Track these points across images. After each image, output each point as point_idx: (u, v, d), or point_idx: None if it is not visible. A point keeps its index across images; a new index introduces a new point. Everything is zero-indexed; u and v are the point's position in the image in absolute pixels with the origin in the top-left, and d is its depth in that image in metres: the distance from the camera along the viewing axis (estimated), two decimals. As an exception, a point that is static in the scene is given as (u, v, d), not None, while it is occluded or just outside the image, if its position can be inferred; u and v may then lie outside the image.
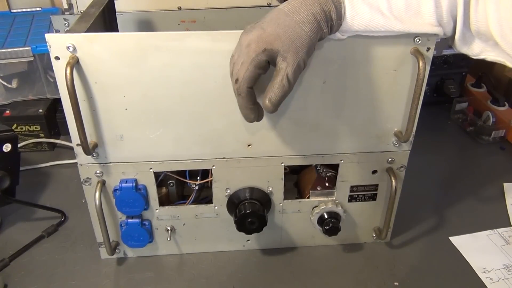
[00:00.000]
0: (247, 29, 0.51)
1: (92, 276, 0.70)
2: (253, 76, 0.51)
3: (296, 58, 0.50)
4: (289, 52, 0.49)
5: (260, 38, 0.50)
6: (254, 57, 0.50)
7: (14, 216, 0.80)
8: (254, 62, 0.50)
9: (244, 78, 0.50)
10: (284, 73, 0.50)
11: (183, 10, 0.92)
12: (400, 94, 0.62)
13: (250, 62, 0.50)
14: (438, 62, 1.10)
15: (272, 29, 0.49)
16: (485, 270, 0.71)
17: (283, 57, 0.50)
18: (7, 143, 0.73)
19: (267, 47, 0.49)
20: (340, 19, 0.52)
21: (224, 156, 0.65)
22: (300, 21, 0.49)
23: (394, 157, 0.68)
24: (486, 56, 0.57)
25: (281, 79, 0.50)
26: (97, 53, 0.55)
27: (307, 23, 0.50)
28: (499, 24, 0.52)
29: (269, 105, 0.51)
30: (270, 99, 0.50)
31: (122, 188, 0.65)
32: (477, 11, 0.54)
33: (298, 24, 0.49)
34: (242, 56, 0.50)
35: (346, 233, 0.74)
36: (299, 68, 0.51)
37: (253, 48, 0.50)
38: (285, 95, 0.51)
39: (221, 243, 0.73)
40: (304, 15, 0.50)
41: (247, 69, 0.50)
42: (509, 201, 0.86)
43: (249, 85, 0.51)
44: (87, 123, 0.59)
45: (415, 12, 0.53)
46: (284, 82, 0.50)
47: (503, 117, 1.02)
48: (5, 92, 0.99)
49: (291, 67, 0.50)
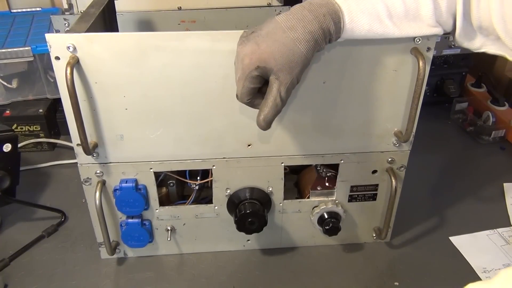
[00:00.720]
0: (243, 39, 0.51)
1: (92, 276, 0.70)
2: (248, 92, 0.52)
3: (289, 77, 0.50)
4: (283, 72, 0.49)
5: (254, 54, 0.49)
6: (248, 73, 0.50)
7: (14, 216, 0.80)
8: (249, 79, 0.50)
9: (241, 93, 0.52)
10: (277, 93, 0.50)
11: (183, 10, 0.92)
12: (400, 94, 0.62)
13: (245, 79, 0.50)
14: (438, 62, 1.10)
15: (267, 46, 0.49)
16: (485, 270, 0.71)
17: (277, 76, 0.50)
18: (7, 143, 0.73)
19: (260, 64, 0.49)
20: (339, 33, 0.51)
21: (224, 156, 0.65)
22: (297, 39, 0.49)
23: (394, 157, 0.68)
24: (486, 50, 0.57)
25: (274, 99, 0.50)
26: (97, 53, 0.55)
27: (304, 41, 0.49)
28: (503, 20, 0.52)
29: (262, 124, 0.52)
30: (264, 119, 0.51)
31: (122, 188, 0.65)
32: (479, 7, 0.54)
33: (294, 42, 0.49)
34: (238, 70, 0.51)
35: (346, 233, 0.74)
36: (292, 85, 0.51)
37: (247, 63, 0.50)
38: (277, 113, 0.52)
39: (221, 243, 0.73)
40: (301, 32, 0.49)
41: (243, 86, 0.51)
42: (509, 201, 0.86)
43: (248, 99, 0.52)
44: (87, 123, 0.59)
45: (415, 15, 0.53)
46: (277, 102, 0.51)
47: (503, 117, 1.02)
48: (5, 92, 0.99)
49: (284, 87, 0.50)
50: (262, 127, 0.52)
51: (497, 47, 0.56)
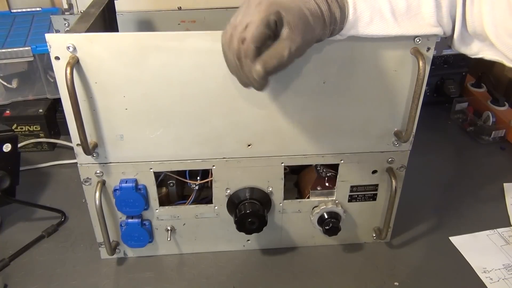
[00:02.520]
0: None
1: (92, 276, 0.70)
2: (261, 36, 0.46)
3: (301, 38, 0.47)
4: (297, 29, 0.46)
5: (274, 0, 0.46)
6: (266, 15, 0.45)
7: (14, 216, 0.80)
8: (265, 21, 0.45)
9: (252, 37, 0.46)
10: (288, 45, 0.47)
11: (183, 10, 0.92)
12: (400, 94, 0.62)
13: (261, 20, 0.45)
14: (438, 62, 1.10)
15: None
16: (485, 270, 0.71)
17: (291, 30, 0.46)
18: (7, 143, 0.73)
19: (280, 10, 0.46)
20: (343, 22, 0.51)
21: (224, 156, 0.65)
22: (310, 10, 0.48)
23: (394, 157, 0.68)
24: (484, 55, 0.57)
25: (283, 49, 0.46)
26: (97, 53, 0.55)
27: (315, 16, 0.48)
28: (493, 25, 0.52)
29: (260, 70, 0.46)
30: (265, 64, 0.46)
31: (122, 188, 0.65)
32: (472, 12, 0.54)
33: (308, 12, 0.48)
34: (249, 16, 0.46)
35: (346, 233, 0.74)
36: (300, 50, 0.48)
37: (265, 6, 0.46)
38: (279, 67, 0.47)
39: (221, 243, 0.73)
40: (313, 7, 0.48)
41: (257, 27, 0.46)
42: (509, 201, 0.86)
43: (257, 45, 0.46)
44: (87, 123, 0.59)
45: (416, 13, 0.53)
46: (285, 53, 0.47)
47: (503, 117, 1.02)
48: (5, 92, 0.99)
49: (295, 43, 0.47)
50: (258, 74, 0.47)
51: (493, 52, 0.56)
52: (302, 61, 0.56)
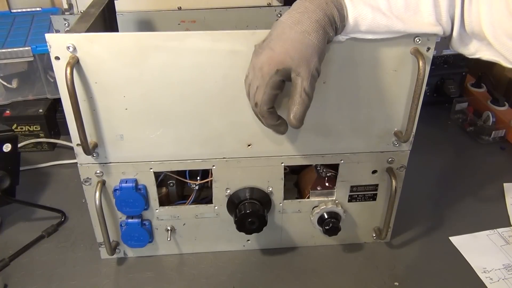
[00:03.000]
0: (257, 50, 0.52)
1: (92, 276, 0.70)
2: (271, 98, 0.51)
3: (309, 70, 0.50)
4: (302, 67, 0.49)
5: (271, 59, 0.50)
6: (269, 80, 0.50)
7: (14, 216, 0.80)
8: (270, 85, 0.50)
9: (262, 101, 0.51)
10: (301, 88, 0.50)
11: (183, 10, 0.92)
12: (400, 94, 0.62)
13: (266, 85, 0.50)
14: (438, 62, 1.10)
15: (280, 47, 0.49)
16: (485, 270, 0.71)
17: (297, 73, 0.50)
18: (7, 143, 0.73)
19: (279, 67, 0.50)
20: (344, 21, 0.52)
21: (224, 156, 0.65)
22: (305, 31, 0.49)
23: (394, 157, 0.68)
24: (481, 56, 0.57)
25: (300, 95, 0.50)
26: (97, 53, 0.55)
27: (313, 31, 0.49)
28: (491, 25, 0.52)
29: (294, 122, 0.51)
30: (294, 116, 0.51)
31: (122, 188, 0.65)
32: (470, 11, 0.54)
33: (304, 35, 0.49)
34: (257, 80, 0.51)
35: (346, 233, 0.74)
36: (314, 78, 0.51)
37: (266, 71, 0.50)
38: (307, 108, 0.52)
39: (221, 243, 0.73)
40: (307, 24, 0.49)
41: (264, 93, 0.51)
42: (509, 201, 0.86)
43: (269, 107, 0.52)
44: (87, 123, 0.59)
45: (414, 11, 0.53)
46: (303, 97, 0.50)
47: (503, 117, 1.02)
48: (5, 92, 0.99)
49: (306, 81, 0.50)
50: (294, 125, 0.52)
51: (491, 52, 0.56)
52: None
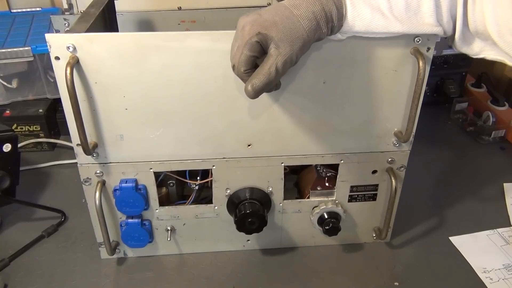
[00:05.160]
0: (245, 13, 0.51)
1: (92, 276, 0.70)
2: (247, 60, 0.50)
3: (289, 50, 0.49)
4: (284, 42, 0.49)
5: (255, 21, 0.49)
6: (248, 39, 0.49)
7: (14, 216, 0.80)
8: (248, 46, 0.49)
9: (239, 62, 0.50)
10: (274, 61, 0.49)
11: (183, 10, 0.92)
12: (400, 94, 0.62)
13: (244, 45, 0.49)
14: (438, 62, 1.10)
15: (270, 15, 0.50)
16: (485, 270, 0.71)
17: (277, 45, 0.49)
18: (7, 143, 0.73)
19: (261, 30, 0.49)
20: (341, 20, 0.52)
21: (224, 156, 0.65)
22: (300, 15, 0.49)
23: (394, 157, 0.68)
24: (485, 55, 0.57)
25: (269, 67, 0.49)
26: (97, 53, 0.55)
27: (306, 19, 0.50)
28: (496, 24, 0.52)
29: (250, 90, 0.50)
30: (253, 85, 0.50)
31: (122, 188, 0.65)
32: (474, 10, 0.53)
33: (297, 18, 0.49)
34: (238, 39, 0.50)
35: (346, 233, 0.74)
36: (291, 61, 0.50)
37: (247, 30, 0.49)
38: (269, 84, 0.50)
39: (221, 243, 0.73)
40: (304, 11, 0.50)
41: (242, 53, 0.50)
42: (509, 201, 0.86)
43: (245, 68, 0.50)
44: (87, 123, 0.59)
45: (415, 12, 0.53)
46: (272, 70, 0.49)
47: (503, 117, 1.02)
48: (5, 92, 0.99)
49: (282, 57, 0.49)
50: (249, 94, 0.50)
51: (495, 52, 0.55)
52: (302, 61, 0.56)
